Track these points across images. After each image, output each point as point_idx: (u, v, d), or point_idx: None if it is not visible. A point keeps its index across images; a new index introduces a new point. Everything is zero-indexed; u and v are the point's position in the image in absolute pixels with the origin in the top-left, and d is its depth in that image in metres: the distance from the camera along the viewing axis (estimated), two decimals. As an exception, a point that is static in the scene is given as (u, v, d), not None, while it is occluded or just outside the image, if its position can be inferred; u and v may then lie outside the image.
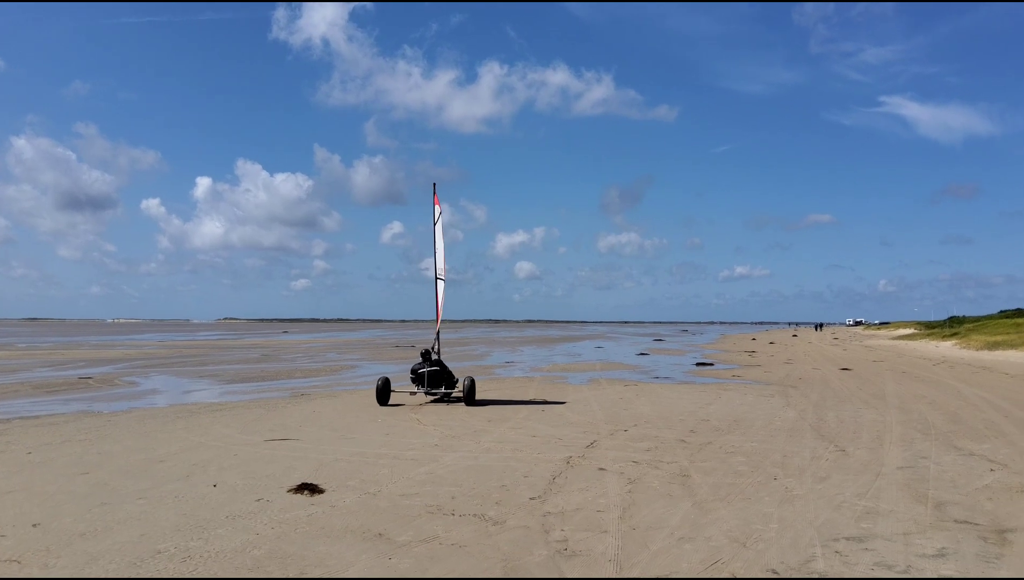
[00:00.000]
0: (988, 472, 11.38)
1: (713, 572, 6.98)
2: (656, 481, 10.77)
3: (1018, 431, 15.52)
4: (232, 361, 45.23)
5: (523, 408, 19.63)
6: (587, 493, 10.02)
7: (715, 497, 9.83)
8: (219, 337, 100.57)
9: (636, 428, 15.98)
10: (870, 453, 13.04)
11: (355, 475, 11.28)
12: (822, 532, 8.16)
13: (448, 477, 11.10)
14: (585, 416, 17.92)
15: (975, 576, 6.79)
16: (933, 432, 15.44)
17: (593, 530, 8.32)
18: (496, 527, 8.50)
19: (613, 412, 18.78)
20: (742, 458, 12.60)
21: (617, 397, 22.78)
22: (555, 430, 15.63)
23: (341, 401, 22.09)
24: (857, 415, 18.39)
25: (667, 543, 7.85)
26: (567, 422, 16.90)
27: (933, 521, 8.59)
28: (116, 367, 38.79)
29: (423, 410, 19.33)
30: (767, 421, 17.23)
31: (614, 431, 15.51)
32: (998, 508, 9.18)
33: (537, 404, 20.69)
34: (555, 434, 15.10)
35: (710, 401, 21.68)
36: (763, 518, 8.77)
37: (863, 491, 10.12)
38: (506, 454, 12.90)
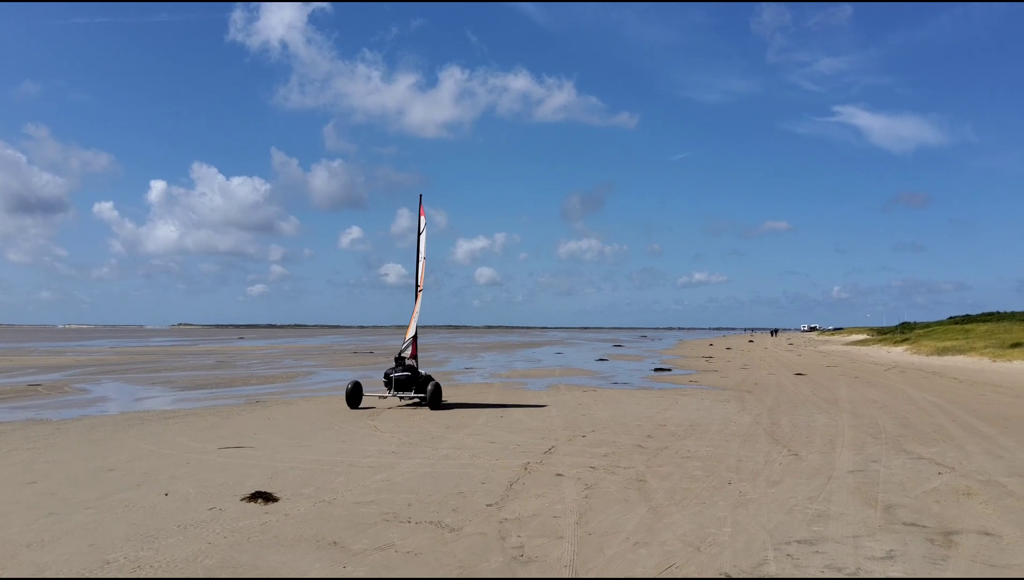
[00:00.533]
0: (936, 475, 11.63)
1: (667, 576, 7.03)
2: (613, 486, 10.82)
3: (966, 435, 15.88)
4: (186, 367, 44.51)
5: (482, 414, 19.61)
6: (544, 499, 10.04)
7: (671, 502, 9.90)
8: (173, 343, 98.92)
9: (594, 434, 16.04)
10: (822, 457, 13.25)
11: (310, 483, 11.16)
12: (774, 535, 8.26)
13: (405, 484, 11.04)
14: (543, 422, 17.96)
15: (922, 577, 6.93)
16: (883, 436, 15.73)
17: (549, 536, 8.33)
18: (452, 534, 8.47)
19: (571, 418, 18.84)
20: (698, 463, 12.71)
21: (576, 403, 22.86)
22: (513, 436, 15.64)
23: (297, 408, 21.86)
24: (810, 420, 18.67)
25: (622, 548, 7.89)
26: (525, 428, 16.91)
27: (882, 524, 8.75)
28: (66, 374, 37.94)
29: (381, 416, 19.21)
30: (723, 426, 17.42)
31: (572, 437, 15.56)
32: (945, 511, 9.39)
33: (496, 410, 20.67)
34: (513, 440, 15.10)
35: (667, 406, 21.85)
36: (717, 522, 8.86)
37: (815, 495, 10.28)
38: (464, 461, 12.87)
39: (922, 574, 7.00)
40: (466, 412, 20.14)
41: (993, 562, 7.32)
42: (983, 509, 9.43)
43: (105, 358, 55.25)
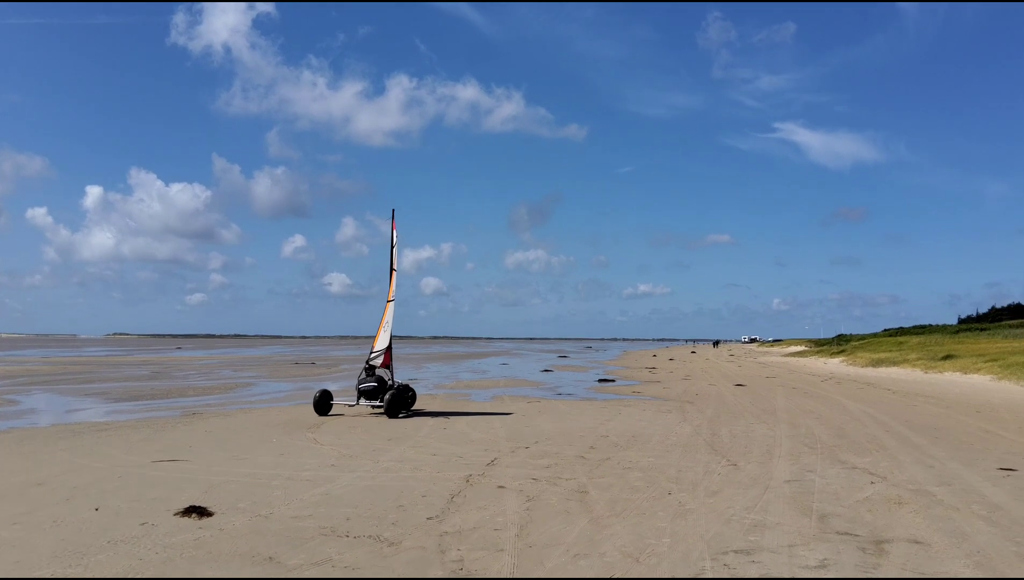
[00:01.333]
0: (869, 485, 11.89)
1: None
2: (554, 498, 10.83)
3: (898, 445, 16.30)
4: (120, 378, 43.35)
5: (424, 426, 19.47)
6: (485, 512, 9.99)
7: (611, 513, 9.95)
8: (108, 353, 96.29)
9: (537, 445, 16.05)
10: (760, 467, 13.46)
11: (246, 497, 10.94)
12: (712, 546, 8.35)
13: (344, 498, 10.89)
14: (487, 434, 17.91)
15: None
16: (819, 446, 16.05)
17: (490, 549, 8.29)
18: (391, 548, 8.37)
19: (515, 429, 18.83)
20: (639, 473, 12.80)
21: (520, 414, 22.85)
22: (456, 448, 15.56)
23: (235, 420, 21.43)
24: (749, 430, 18.97)
25: (562, 560, 7.89)
26: (468, 440, 16.84)
27: (816, 533, 8.91)
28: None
29: (321, 429, 18.94)
30: (664, 436, 17.59)
31: (515, 448, 15.55)
32: (877, 519, 9.60)
33: (439, 421, 20.55)
34: (456, 452, 15.02)
35: (610, 417, 21.99)
36: (657, 533, 8.92)
37: (752, 504, 10.43)
38: (405, 473, 12.75)
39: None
40: (408, 424, 19.98)
41: (922, 570, 7.50)
42: (913, 518, 9.67)
43: (36, 368, 53.50)
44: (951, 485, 11.84)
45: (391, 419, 21.31)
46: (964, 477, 12.50)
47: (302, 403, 27.49)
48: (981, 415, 23.08)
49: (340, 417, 21.77)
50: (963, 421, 21.30)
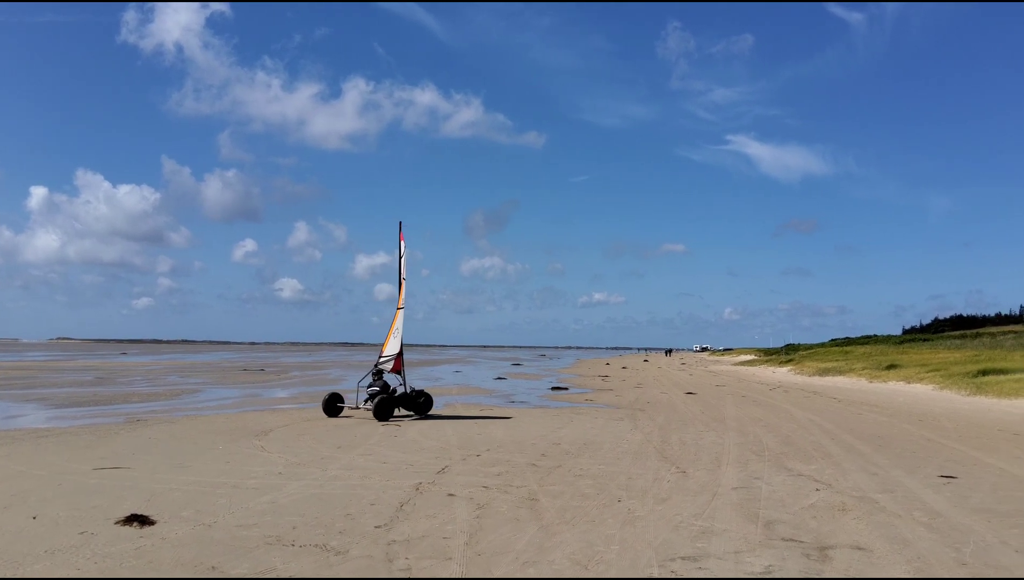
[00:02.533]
0: (814, 492, 12.08)
1: (554, 596, 7.04)
2: (505, 506, 10.79)
3: (843, 453, 16.60)
4: (63, 384, 42.21)
5: (374, 433, 19.29)
6: (434, 520, 9.91)
7: (561, 520, 9.94)
8: (50, 358, 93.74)
9: (489, 453, 16.00)
10: (709, 474, 13.59)
11: (190, 505, 10.71)
12: (660, 552, 8.39)
13: (290, 506, 10.72)
14: (438, 441, 17.80)
15: (798, 591, 7.16)
16: (767, 454, 16.27)
17: (438, 557, 8.22)
18: (338, 557, 8.26)
19: (467, 437, 18.76)
20: (589, 481, 12.83)
21: (472, 422, 22.78)
22: (406, 456, 15.43)
23: (180, 427, 21.00)
24: (699, 438, 19.15)
25: (511, 568, 7.86)
26: (419, 447, 16.72)
27: (762, 539, 9.01)
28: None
29: (269, 436, 18.64)
30: (615, 444, 17.67)
31: (466, 456, 15.48)
32: (821, 526, 9.75)
33: (389, 429, 20.38)
34: (406, 460, 14.90)
35: (562, 425, 22.04)
36: (606, 540, 8.94)
37: (700, 511, 10.51)
38: (354, 481, 12.60)
39: (798, 588, 7.23)
40: (358, 431, 19.78)
41: (864, 575, 7.63)
42: (856, 524, 9.83)
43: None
44: (893, 492, 12.07)
45: (351, 427, 21.06)
46: (906, 484, 12.76)
47: (249, 410, 27.11)
48: (923, 424, 23.62)
49: (288, 426, 21.45)
50: (906, 429, 21.77)
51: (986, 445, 18.09)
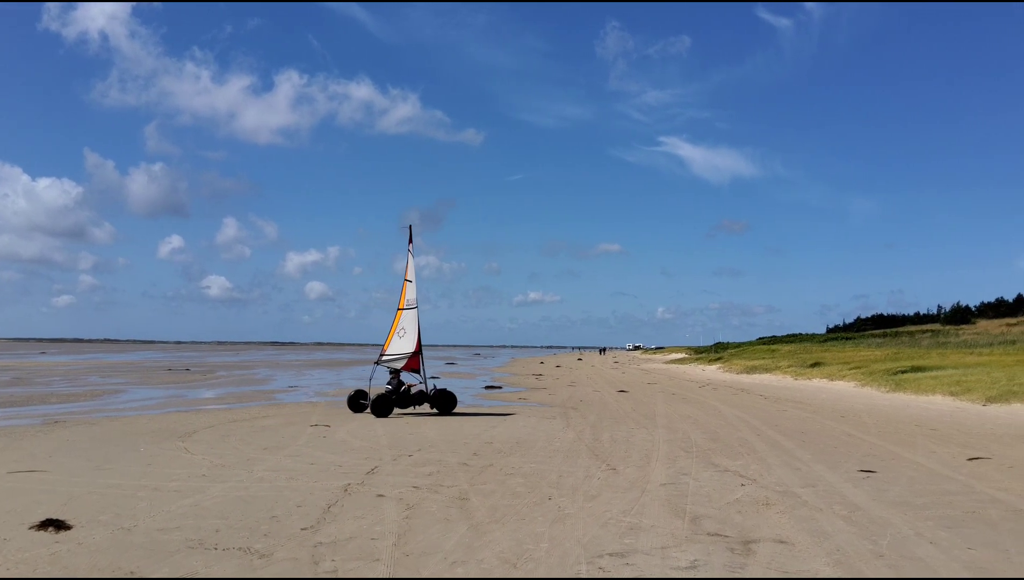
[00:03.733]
0: (739, 487, 12.31)
1: (482, 595, 7.00)
2: (435, 506, 10.71)
3: (767, 448, 16.96)
4: (-24, 386, 40.46)
5: (303, 434, 18.96)
6: (363, 521, 9.77)
7: (491, 519, 9.91)
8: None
9: (420, 453, 15.88)
10: (638, 471, 13.73)
11: (109, 509, 10.35)
12: (588, 549, 8.43)
13: (214, 509, 10.44)
14: (368, 442, 17.59)
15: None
16: (695, 450, 16.53)
17: (365, 559, 8.11)
18: (262, 560, 8.07)
19: (398, 437, 18.59)
20: (521, 479, 12.83)
21: (403, 422, 22.61)
22: (335, 457, 15.20)
23: (101, 429, 20.31)
24: (629, 435, 19.36)
25: (439, 568, 7.79)
26: (349, 448, 16.50)
27: (689, 534, 9.13)
28: None
29: (193, 438, 18.16)
30: (547, 442, 17.73)
31: (397, 456, 15.32)
32: (746, 520, 9.93)
33: (318, 430, 20.05)
34: (335, 461, 14.67)
35: (495, 424, 22.02)
36: (535, 538, 8.94)
37: (629, 508, 10.60)
38: (280, 483, 12.35)
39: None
40: (286, 432, 19.41)
41: (785, 569, 7.79)
42: (779, 518, 10.04)
43: None
44: (815, 487, 12.38)
45: (278, 428, 20.66)
46: (827, 479, 13.10)
47: (173, 411, 26.42)
48: (845, 420, 24.33)
49: (213, 427, 20.94)
50: (828, 425, 22.39)
51: (904, 440, 18.71)
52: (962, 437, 19.43)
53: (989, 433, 20.29)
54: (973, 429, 21.27)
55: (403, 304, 26.60)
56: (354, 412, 24.57)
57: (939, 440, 18.72)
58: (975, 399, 29.38)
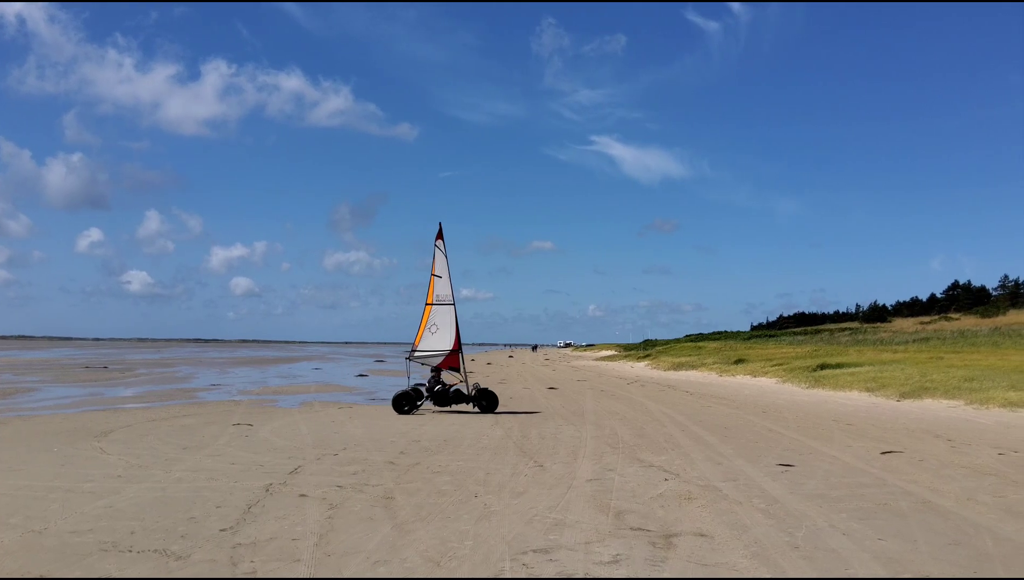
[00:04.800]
0: (663, 482, 12.49)
1: (404, 595, 6.94)
2: (359, 505, 10.58)
3: (692, 444, 17.27)
4: None
5: (224, 434, 18.52)
6: (284, 521, 9.59)
7: (416, 518, 9.84)
8: None
9: (345, 451, 15.68)
10: (565, 467, 13.82)
11: (19, 511, 9.95)
12: (513, 546, 8.44)
13: (129, 510, 10.12)
14: (292, 441, 17.28)
15: (640, 578, 7.34)
16: (621, 446, 16.72)
17: (285, 559, 7.95)
18: (179, 562, 7.85)
19: (323, 435, 18.31)
20: (447, 477, 12.78)
21: (329, 420, 22.30)
22: (257, 456, 14.88)
23: (12, 429, 19.51)
24: (558, 432, 19.48)
25: (361, 567, 7.70)
26: (272, 447, 16.18)
27: (612, 529, 9.22)
28: None
29: (109, 437, 17.58)
30: (475, 440, 17.71)
31: (322, 455, 15.09)
32: (668, 514, 10.08)
33: (240, 429, 19.62)
34: (257, 461, 14.37)
35: (423, 422, 21.90)
36: (460, 536, 8.91)
37: (555, 504, 10.66)
38: (199, 483, 12.03)
39: (643, 575, 7.43)
40: (207, 432, 18.94)
41: (705, 561, 7.93)
42: (700, 512, 10.22)
43: None
44: (736, 481, 12.65)
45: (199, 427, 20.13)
46: (748, 473, 13.40)
47: (90, 410, 25.58)
48: (766, 415, 24.95)
49: (131, 427, 20.31)
50: (750, 421, 22.92)
51: (821, 435, 19.28)
52: (877, 432, 20.12)
53: (902, 428, 21.06)
54: (887, 424, 22.04)
55: (431, 299, 26.46)
56: (399, 413, 24.20)
57: (855, 435, 19.35)
58: (890, 395, 30.47)
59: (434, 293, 26.47)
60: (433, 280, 26.49)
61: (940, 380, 31.07)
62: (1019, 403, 24.41)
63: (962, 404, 26.31)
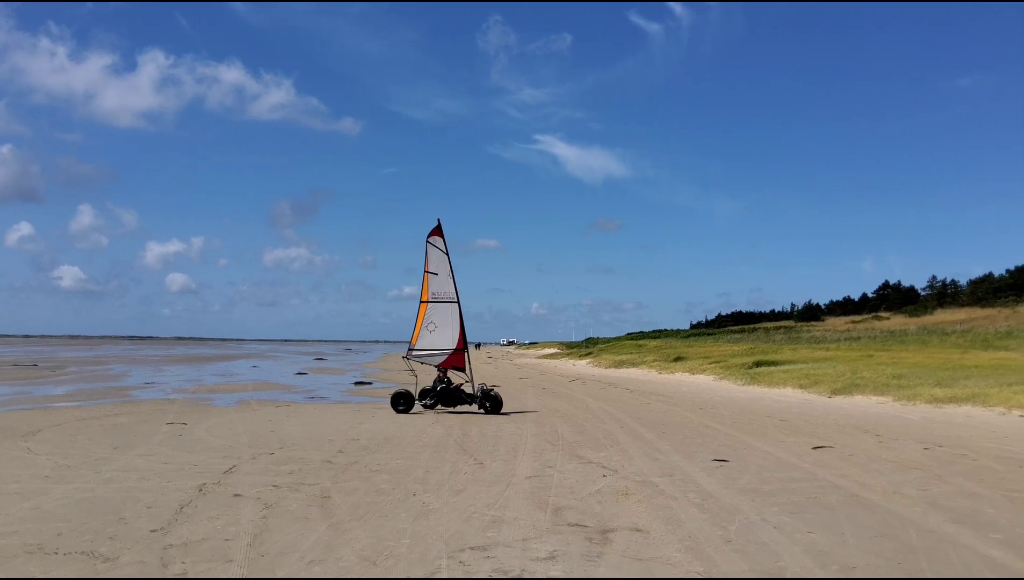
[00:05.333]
0: (601, 478, 12.61)
1: (339, 594, 6.88)
2: (295, 504, 10.44)
3: (630, 440, 17.47)
4: None
5: (158, 433, 18.09)
6: (217, 522, 9.42)
7: (353, 517, 9.75)
8: None
9: (282, 450, 15.45)
10: (505, 465, 13.84)
11: (-65, 516, 9.57)
12: (450, 544, 8.43)
13: (57, 512, 9.83)
14: (227, 440, 16.97)
15: (578, 576, 7.40)
16: (561, 443, 16.83)
17: (218, 560, 7.81)
18: (106, 564, 7.66)
19: (259, 435, 18.02)
20: (386, 476, 12.70)
21: (266, 419, 21.95)
22: (191, 456, 14.58)
23: (-69, 430, 18.74)
24: (498, 429, 19.51)
25: (296, 568, 7.60)
26: (206, 447, 15.86)
27: (550, 526, 9.28)
28: None
29: (37, 437, 17.03)
30: (415, 438, 17.63)
31: (257, 455, 14.85)
32: (605, 510, 10.18)
33: (174, 428, 19.19)
34: (190, 460, 14.07)
35: (363, 420, 21.72)
36: (397, 534, 8.86)
37: (493, 501, 10.67)
38: (130, 484, 11.73)
39: (579, 571, 7.49)
40: (139, 431, 18.48)
41: (640, 556, 8.03)
42: (637, 507, 10.35)
43: None
44: (672, 476, 12.84)
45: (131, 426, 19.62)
46: (684, 468, 13.61)
47: (17, 409, 24.77)
48: (703, 412, 25.38)
49: (61, 426, 19.70)
50: (688, 417, 23.28)
51: (755, 430, 19.68)
52: (809, 427, 20.62)
53: (833, 423, 21.63)
54: (819, 420, 22.62)
55: (426, 296, 25.86)
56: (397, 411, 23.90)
57: (788, 430, 19.80)
58: (822, 391, 31.26)
59: (429, 290, 25.91)
60: (427, 277, 25.90)
61: (870, 377, 31.99)
62: (944, 399, 25.28)
63: (890, 400, 27.13)
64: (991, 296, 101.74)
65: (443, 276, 25.89)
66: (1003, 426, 20.33)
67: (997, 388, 25.22)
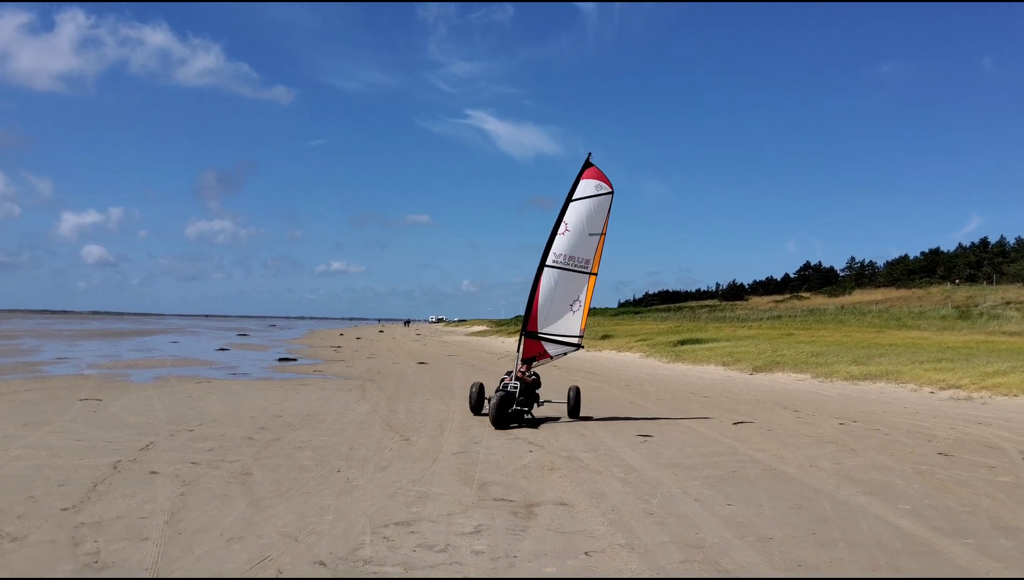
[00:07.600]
0: (528, 453, 12.68)
1: (259, 571, 6.74)
2: (214, 482, 10.20)
3: (556, 416, 17.60)
4: None
5: (71, 409, 17.44)
6: (132, 499, 9.13)
7: (275, 494, 9.58)
8: None
9: (202, 427, 15.08)
10: (431, 441, 13.79)
11: None
12: (374, 520, 8.35)
13: (-42, 492, 9.39)
14: (144, 417, 16.47)
15: (503, 549, 7.42)
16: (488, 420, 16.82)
17: (133, 539, 7.57)
18: (14, 544, 7.35)
19: (178, 411, 17.54)
20: (309, 452, 12.51)
21: (186, 395, 21.39)
22: (105, 433, 14.10)
23: None
24: (426, 406, 19.44)
25: (214, 545, 7.42)
26: (122, 423, 15.37)
27: (475, 501, 9.28)
28: None
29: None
30: (341, 414, 17.42)
31: (176, 431, 14.45)
32: (530, 485, 10.23)
33: (88, 403, 18.53)
34: (105, 437, 13.60)
35: (286, 397, 21.36)
36: (319, 511, 8.74)
37: (419, 477, 10.62)
38: (40, 461, 11.28)
39: (503, 545, 7.51)
40: (51, 407, 17.79)
41: (564, 529, 8.10)
42: (562, 482, 10.44)
43: None
44: (597, 451, 12.99)
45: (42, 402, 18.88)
46: (609, 444, 13.78)
47: None
48: (629, 388, 25.77)
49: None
50: (614, 394, 23.61)
51: (679, 407, 20.07)
52: (731, 403, 21.13)
53: (754, 399, 22.21)
54: (740, 396, 23.20)
55: (596, 267, 18.92)
56: None
57: (710, 406, 20.25)
58: (744, 369, 32.07)
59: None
60: (603, 239, 19.02)
61: (790, 355, 32.95)
62: (859, 376, 26.22)
63: (809, 377, 28.01)
64: (906, 277, 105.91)
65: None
66: (914, 402, 21.19)
67: (909, 366, 26.27)
